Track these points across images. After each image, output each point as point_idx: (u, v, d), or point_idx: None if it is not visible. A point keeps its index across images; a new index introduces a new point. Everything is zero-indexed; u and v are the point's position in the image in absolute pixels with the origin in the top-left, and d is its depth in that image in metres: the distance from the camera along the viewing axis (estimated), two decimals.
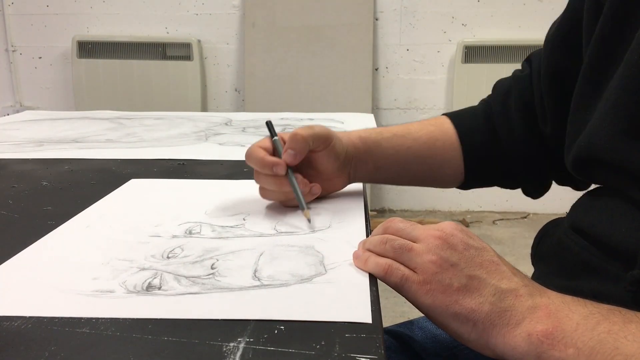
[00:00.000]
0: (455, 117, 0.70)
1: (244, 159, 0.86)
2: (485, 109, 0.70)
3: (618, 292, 0.46)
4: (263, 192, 0.62)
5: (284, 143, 0.61)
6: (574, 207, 0.58)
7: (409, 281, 0.45)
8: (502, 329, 0.41)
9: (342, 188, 0.67)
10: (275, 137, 0.63)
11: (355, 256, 0.49)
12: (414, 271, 0.45)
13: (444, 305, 0.43)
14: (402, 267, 0.46)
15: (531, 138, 0.66)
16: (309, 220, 0.58)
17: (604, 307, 0.40)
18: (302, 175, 0.62)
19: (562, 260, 0.55)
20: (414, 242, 0.47)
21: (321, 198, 0.65)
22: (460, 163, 0.68)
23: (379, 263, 0.46)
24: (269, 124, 0.66)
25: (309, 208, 0.59)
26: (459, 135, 0.68)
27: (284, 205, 0.63)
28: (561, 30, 0.62)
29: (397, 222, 0.50)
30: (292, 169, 0.60)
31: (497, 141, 0.68)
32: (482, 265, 0.44)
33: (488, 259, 0.45)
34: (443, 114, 0.71)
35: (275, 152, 0.62)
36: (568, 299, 0.42)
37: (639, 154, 0.47)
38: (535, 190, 0.71)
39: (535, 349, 0.39)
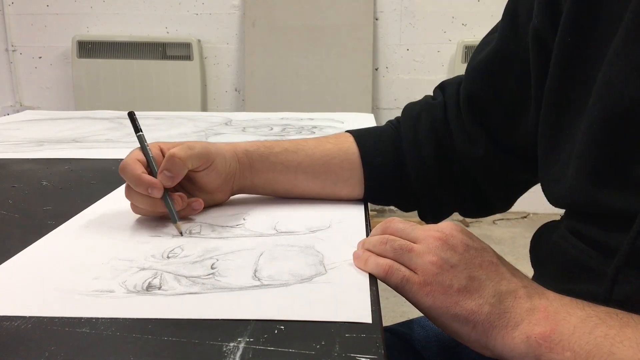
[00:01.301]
0: (360, 135, 0.69)
1: None
2: (392, 132, 0.69)
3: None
4: (134, 207, 0.59)
5: (163, 156, 0.59)
6: (569, 211, 0.58)
7: (409, 282, 0.45)
8: (501, 331, 0.41)
9: (225, 200, 0.65)
10: (140, 133, 0.61)
11: (355, 256, 0.49)
12: (414, 272, 0.45)
13: (444, 306, 0.43)
14: (402, 268, 0.45)
15: (440, 168, 0.65)
16: (181, 233, 0.56)
17: (602, 310, 0.40)
18: (183, 189, 0.61)
19: (559, 263, 0.55)
20: (414, 242, 0.47)
21: (321, 198, 0.65)
22: (359, 185, 0.66)
23: (379, 263, 0.46)
24: (131, 116, 0.64)
25: (180, 220, 0.57)
26: (361, 156, 0.66)
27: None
28: (486, 63, 0.62)
29: (396, 222, 0.50)
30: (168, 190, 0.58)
31: (402, 168, 0.66)
32: (482, 266, 0.44)
33: (488, 260, 0.45)
34: (347, 131, 0.70)
35: (147, 161, 0.59)
36: (566, 300, 0.42)
37: (607, 199, 0.46)
38: (433, 216, 0.70)
39: (534, 351, 0.40)
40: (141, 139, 0.61)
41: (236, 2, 2.64)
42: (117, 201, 0.66)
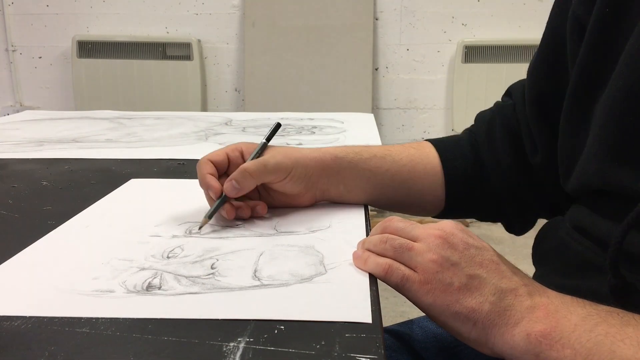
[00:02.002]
0: (439, 142, 0.68)
1: None
2: (469, 138, 0.68)
3: None
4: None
5: (243, 159, 0.60)
6: (575, 207, 0.58)
7: (409, 281, 0.45)
8: (502, 328, 0.41)
9: (309, 205, 0.64)
10: (264, 141, 0.62)
11: (355, 256, 0.49)
12: (414, 270, 0.45)
13: (444, 304, 0.43)
14: (402, 267, 0.45)
15: (518, 169, 0.64)
16: (200, 228, 0.57)
17: (603, 309, 0.40)
18: (261, 188, 0.61)
19: (563, 259, 0.55)
20: (414, 241, 0.47)
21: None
22: (441, 190, 0.65)
23: (379, 263, 0.46)
24: (277, 127, 0.66)
25: (209, 218, 0.57)
26: (441, 161, 0.65)
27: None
28: (543, 54, 0.61)
29: (396, 222, 0.50)
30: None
31: (482, 171, 0.66)
32: (483, 264, 0.44)
33: (488, 258, 0.45)
34: (426, 140, 0.69)
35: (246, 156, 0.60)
36: (567, 299, 0.42)
37: (629, 178, 0.46)
38: (520, 225, 0.68)
39: (534, 349, 0.40)
40: (262, 147, 0.61)
41: (236, 2, 2.64)
42: (117, 201, 0.67)
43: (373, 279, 0.46)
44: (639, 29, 0.46)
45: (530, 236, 0.63)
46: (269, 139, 0.63)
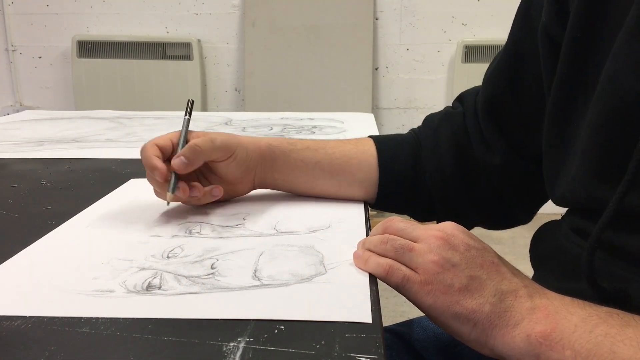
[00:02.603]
0: (381, 141, 0.69)
1: None
2: (413, 140, 0.69)
3: None
4: (154, 191, 0.62)
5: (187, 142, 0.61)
6: (572, 209, 0.58)
7: (410, 281, 0.45)
8: (502, 330, 0.41)
9: (247, 193, 0.67)
10: (187, 117, 0.63)
11: (356, 256, 0.49)
12: (415, 271, 0.45)
13: (445, 305, 0.43)
14: (403, 267, 0.45)
15: (460, 174, 0.65)
16: (167, 203, 0.60)
17: (603, 310, 0.40)
18: (202, 178, 0.63)
19: (561, 262, 0.55)
20: (415, 242, 0.47)
21: (321, 198, 0.65)
22: (372, 185, 0.66)
23: (379, 263, 0.46)
24: (190, 104, 0.66)
25: (173, 192, 0.58)
26: (379, 160, 0.66)
27: (192, 204, 0.63)
28: (502, 64, 0.62)
29: (397, 222, 0.50)
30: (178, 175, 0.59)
31: (419, 176, 0.66)
32: (483, 266, 0.44)
33: (489, 260, 0.45)
34: (369, 136, 0.70)
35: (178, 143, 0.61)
36: (567, 300, 0.42)
37: (609, 196, 0.46)
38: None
39: (534, 350, 0.40)
40: (185, 123, 0.63)
41: (236, 2, 2.64)
42: (117, 201, 0.67)
43: (373, 279, 0.46)
44: (613, 53, 0.46)
45: (530, 236, 0.63)
46: (189, 114, 0.65)
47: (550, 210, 0.63)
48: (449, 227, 0.47)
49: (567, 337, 0.39)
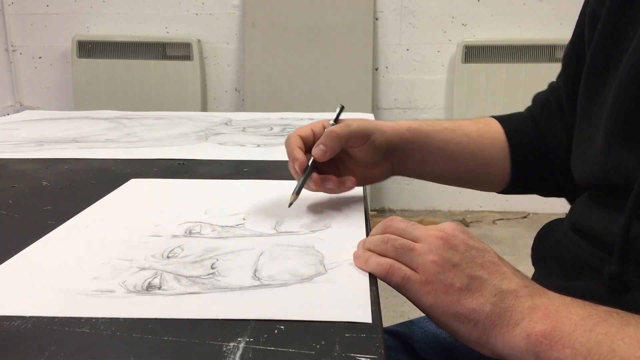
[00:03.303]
0: (503, 118, 0.70)
1: (243, 158, 0.87)
2: (531, 115, 0.70)
3: None
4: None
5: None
6: (573, 208, 0.58)
7: (410, 281, 0.45)
8: (502, 329, 0.41)
9: (385, 179, 0.67)
10: (332, 123, 0.64)
11: (356, 256, 0.49)
12: (415, 271, 0.45)
13: (445, 305, 0.43)
14: (403, 267, 0.46)
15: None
16: (289, 205, 0.60)
17: (603, 309, 0.40)
18: (340, 163, 0.63)
19: (561, 260, 0.55)
20: (415, 242, 0.47)
21: (321, 198, 0.65)
22: (507, 164, 0.67)
23: (380, 263, 0.46)
24: (342, 109, 0.67)
25: (296, 194, 0.59)
26: (507, 135, 0.67)
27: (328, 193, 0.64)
28: (572, 42, 0.63)
29: (397, 222, 0.50)
30: (316, 164, 0.61)
31: (545, 146, 0.67)
32: (484, 265, 0.44)
33: (489, 260, 0.45)
34: (490, 116, 0.71)
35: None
36: (568, 300, 0.42)
37: (630, 164, 0.46)
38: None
39: (534, 349, 0.40)
40: (340, 109, 0.65)
41: (236, 2, 2.64)
42: (117, 201, 0.67)
43: (373, 279, 0.46)
44: None
45: (530, 236, 0.63)
46: (337, 119, 0.65)
47: (550, 211, 0.63)
48: (449, 227, 0.47)
49: (567, 336, 0.39)
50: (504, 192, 0.71)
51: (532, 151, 0.67)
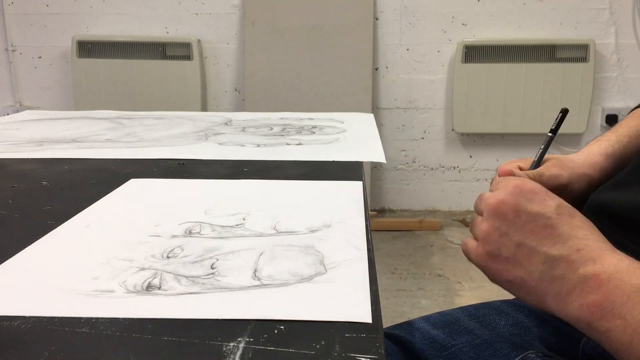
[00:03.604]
0: None
1: (243, 158, 0.87)
2: None
3: None
4: None
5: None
6: (597, 192, 0.59)
7: (468, 251, 0.49)
8: (555, 297, 0.42)
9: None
10: (551, 135, 0.63)
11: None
12: (475, 240, 0.48)
13: (496, 273, 0.46)
14: (468, 240, 0.49)
15: None
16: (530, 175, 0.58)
17: None
18: None
19: None
20: (480, 214, 0.49)
21: (322, 198, 0.65)
22: None
23: (463, 242, 0.50)
24: (564, 114, 0.64)
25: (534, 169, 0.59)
26: None
27: None
28: None
29: (476, 201, 0.51)
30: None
31: None
32: (534, 231, 0.44)
33: (542, 224, 0.44)
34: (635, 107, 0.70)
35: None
36: (623, 266, 0.41)
37: None
38: None
39: (585, 318, 0.40)
40: (548, 140, 0.62)
41: (236, 2, 2.64)
42: (117, 201, 0.67)
43: (373, 279, 0.46)
44: None
45: None
46: (554, 130, 0.63)
47: None
48: (503, 192, 0.47)
49: (618, 307, 0.39)
50: None
51: None
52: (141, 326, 0.38)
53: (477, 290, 1.98)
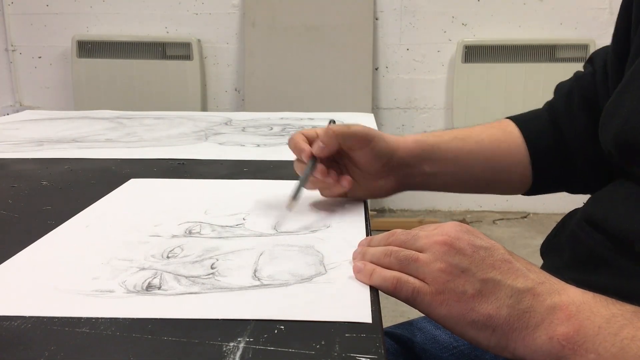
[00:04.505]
0: (519, 120, 0.68)
1: (243, 158, 0.87)
2: (549, 111, 0.68)
3: (631, 287, 0.45)
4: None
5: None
6: (591, 200, 0.57)
7: (420, 293, 0.43)
8: (522, 332, 0.40)
9: (392, 194, 0.65)
10: (332, 120, 0.65)
11: (357, 270, 0.46)
12: (424, 282, 0.43)
13: (460, 314, 0.41)
14: (411, 279, 0.43)
15: (596, 136, 0.63)
16: (289, 210, 0.59)
17: (628, 310, 0.39)
18: (344, 170, 0.63)
19: (575, 252, 0.53)
20: (419, 252, 0.45)
21: (322, 198, 0.65)
22: (526, 167, 0.65)
23: (385, 277, 0.44)
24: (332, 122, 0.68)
25: (296, 200, 0.59)
26: (525, 138, 0.65)
27: (326, 196, 0.64)
28: (620, 18, 0.61)
29: (398, 234, 0.48)
30: (318, 160, 0.61)
31: (564, 143, 0.65)
32: (495, 265, 0.42)
33: (500, 258, 0.43)
34: (506, 118, 0.69)
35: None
36: (589, 297, 0.40)
37: None
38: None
39: (557, 353, 0.38)
40: (330, 123, 0.66)
41: (236, 2, 2.64)
42: (117, 201, 0.66)
43: None
44: None
45: (530, 236, 0.63)
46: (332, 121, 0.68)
47: (551, 211, 0.63)
48: (452, 229, 0.45)
49: (590, 340, 0.37)
50: (528, 194, 0.69)
51: (552, 152, 0.65)
52: (141, 326, 0.38)
53: None
